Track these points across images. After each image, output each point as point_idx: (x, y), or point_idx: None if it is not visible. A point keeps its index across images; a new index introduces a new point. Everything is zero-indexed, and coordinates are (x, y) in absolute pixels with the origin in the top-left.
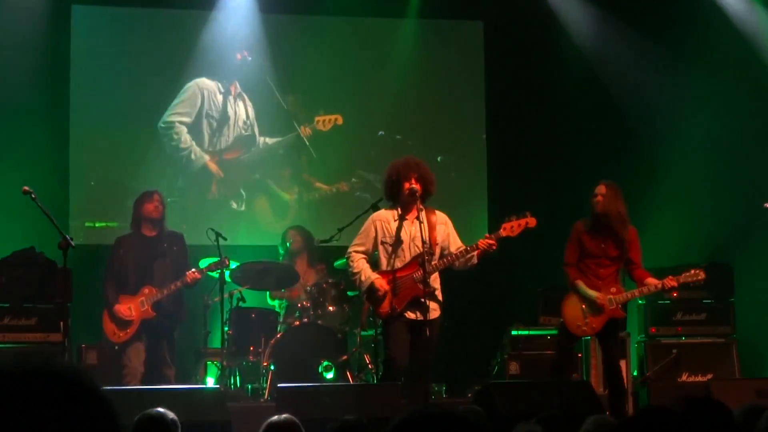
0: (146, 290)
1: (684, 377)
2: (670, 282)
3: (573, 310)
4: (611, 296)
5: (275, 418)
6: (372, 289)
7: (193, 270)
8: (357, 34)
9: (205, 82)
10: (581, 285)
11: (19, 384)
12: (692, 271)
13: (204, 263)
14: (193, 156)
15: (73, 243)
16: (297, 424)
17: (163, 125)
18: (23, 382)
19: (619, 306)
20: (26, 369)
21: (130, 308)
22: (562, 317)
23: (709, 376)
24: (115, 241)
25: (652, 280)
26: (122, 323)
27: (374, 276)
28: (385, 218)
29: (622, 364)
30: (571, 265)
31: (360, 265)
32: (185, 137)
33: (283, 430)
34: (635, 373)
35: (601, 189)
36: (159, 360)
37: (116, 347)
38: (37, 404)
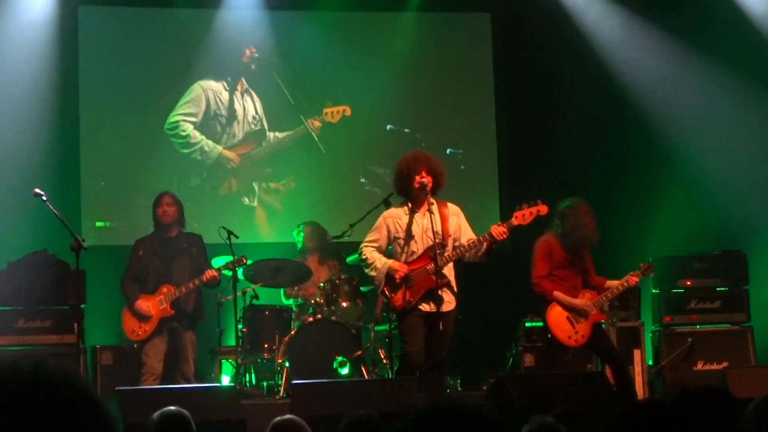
0: (164, 289)
1: (699, 366)
2: (633, 279)
3: (560, 322)
4: (589, 301)
5: (279, 418)
6: (390, 272)
7: (212, 269)
8: (365, 28)
9: (209, 83)
10: (561, 295)
11: (9, 387)
12: (642, 266)
13: (216, 262)
14: (206, 148)
15: (85, 244)
16: (302, 424)
17: (168, 126)
18: (13, 385)
19: (598, 309)
20: (16, 372)
21: (149, 306)
22: (551, 332)
23: (725, 364)
24: (135, 242)
25: (614, 282)
26: (141, 320)
27: (391, 261)
28: (397, 215)
29: (637, 353)
30: (543, 277)
31: (373, 255)
32: (193, 132)
33: (289, 430)
34: (650, 363)
35: (587, 210)
36: (180, 359)
37: (135, 345)
38: (27, 407)
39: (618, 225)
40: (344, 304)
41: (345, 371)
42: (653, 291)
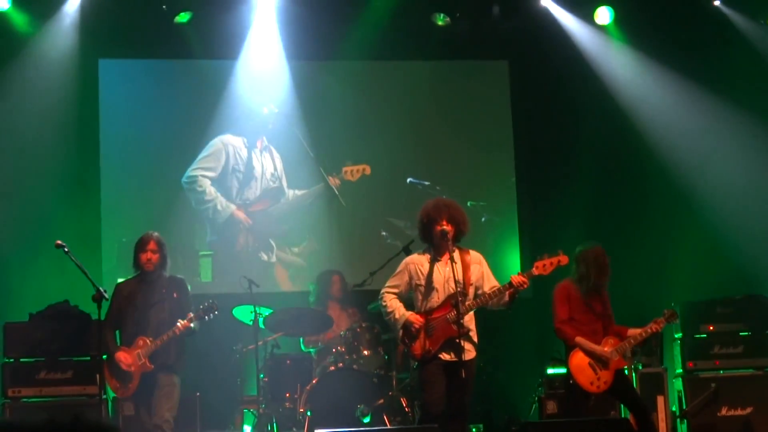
0: (140, 342)
1: (723, 411)
2: (658, 326)
3: (583, 367)
4: (612, 348)
5: None
6: (407, 325)
7: (182, 321)
8: (383, 78)
9: (229, 138)
10: (583, 341)
11: None
12: (666, 312)
13: (237, 312)
14: (219, 207)
15: (106, 295)
16: None
17: (186, 179)
18: None
19: (621, 356)
20: (58, 426)
21: (128, 359)
22: (573, 378)
23: (749, 410)
24: (116, 287)
25: (636, 330)
26: (123, 377)
27: (408, 313)
28: (419, 261)
29: (660, 399)
30: (565, 321)
31: (393, 304)
32: (209, 189)
33: None
34: (674, 409)
35: (603, 253)
36: (158, 404)
37: (123, 401)
38: None
39: (639, 271)
40: (366, 353)
41: (367, 420)
42: (676, 336)
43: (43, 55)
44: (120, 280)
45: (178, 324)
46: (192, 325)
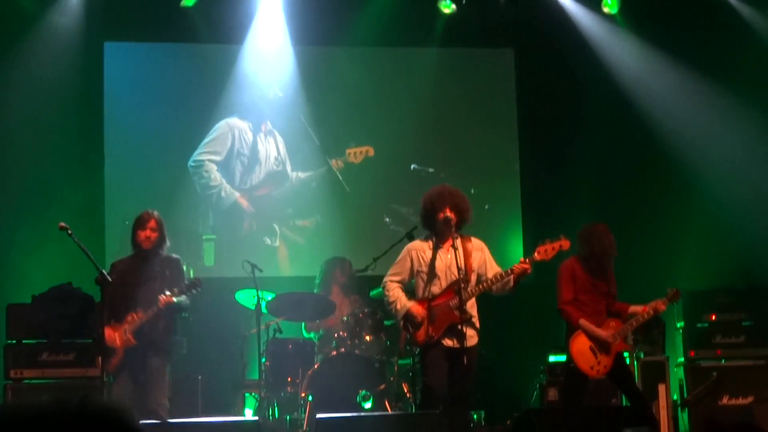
0: (129, 317)
1: (725, 400)
2: (661, 306)
3: (583, 351)
4: (614, 332)
5: None
6: (409, 316)
7: (167, 294)
8: (389, 64)
9: (235, 122)
10: (587, 324)
11: (59, 424)
12: (669, 291)
13: (239, 296)
14: (223, 194)
15: (110, 278)
16: None
17: (193, 164)
18: (62, 421)
19: (622, 339)
20: (65, 408)
21: (114, 337)
22: (573, 360)
23: (751, 399)
24: (111, 266)
25: (639, 308)
26: (110, 351)
27: (410, 303)
28: (421, 248)
29: (661, 388)
30: (569, 302)
31: (396, 293)
32: (215, 175)
33: None
34: (675, 398)
35: (606, 229)
36: (146, 390)
37: (110, 379)
38: None
39: (642, 260)
40: (368, 338)
41: (368, 405)
42: (678, 325)
43: (48, 36)
44: None
45: (161, 297)
46: (175, 300)
